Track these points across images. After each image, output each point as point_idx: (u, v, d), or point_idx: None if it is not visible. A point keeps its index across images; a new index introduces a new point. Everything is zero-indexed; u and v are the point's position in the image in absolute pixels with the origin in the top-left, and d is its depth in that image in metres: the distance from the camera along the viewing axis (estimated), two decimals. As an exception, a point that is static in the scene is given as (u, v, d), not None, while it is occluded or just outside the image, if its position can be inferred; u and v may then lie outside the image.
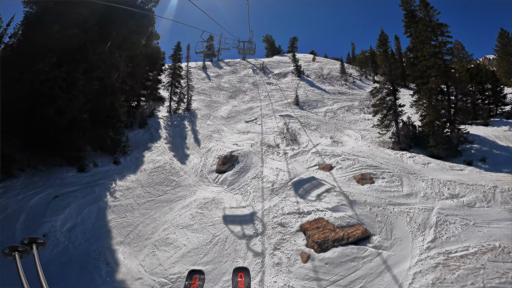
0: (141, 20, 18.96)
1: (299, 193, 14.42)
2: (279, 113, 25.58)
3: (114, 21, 17.44)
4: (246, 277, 3.01)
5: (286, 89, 35.03)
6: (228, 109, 27.40)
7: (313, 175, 15.47)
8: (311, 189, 14.48)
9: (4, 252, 2.11)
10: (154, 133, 21.44)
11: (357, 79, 40.38)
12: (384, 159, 16.77)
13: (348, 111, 27.78)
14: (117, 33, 17.71)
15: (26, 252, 2.18)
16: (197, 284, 3.09)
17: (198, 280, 3.13)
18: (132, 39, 19.02)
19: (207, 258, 11.60)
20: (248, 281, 2.97)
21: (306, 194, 14.34)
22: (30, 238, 2.27)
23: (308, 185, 14.82)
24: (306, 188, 14.79)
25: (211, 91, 33.59)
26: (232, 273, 3.14)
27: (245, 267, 3.20)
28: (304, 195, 14.23)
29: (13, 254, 2.07)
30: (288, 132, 20.38)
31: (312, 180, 15.30)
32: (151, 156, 18.77)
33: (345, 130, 23.21)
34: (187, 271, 3.54)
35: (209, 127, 23.23)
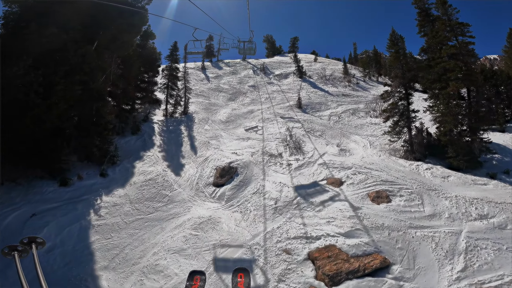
0: (132, 19, 16.95)
1: (306, 213, 12.50)
2: (281, 117, 23.62)
3: (101, 19, 15.45)
4: (245, 278, 2.93)
5: (287, 90, 33.02)
6: (228, 113, 25.43)
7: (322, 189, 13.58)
8: (320, 209, 12.58)
9: (4, 251, 2.07)
10: (148, 140, 19.47)
11: (360, 80, 38.34)
12: (399, 172, 14.83)
13: (353, 114, 25.80)
14: (104, 32, 15.74)
15: (26, 251, 2.11)
16: (198, 285, 3.02)
17: (199, 281, 3.05)
18: (123, 38, 17.03)
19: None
20: (248, 281, 2.90)
21: (314, 214, 12.43)
22: (30, 238, 2.21)
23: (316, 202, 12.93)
24: (314, 205, 12.89)
25: (209, 93, 31.59)
26: (232, 273, 3.04)
27: (245, 268, 3.07)
28: (312, 216, 12.33)
29: (13, 254, 2.03)
30: (291, 139, 18.43)
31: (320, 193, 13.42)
32: (142, 167, 16.82)
33: (352, 136, 21.26)
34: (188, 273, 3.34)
35: (206, 133, 21.28)
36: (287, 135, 19.09)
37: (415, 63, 41.99)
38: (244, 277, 2.96)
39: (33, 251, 2.16)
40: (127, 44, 17.86)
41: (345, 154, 17.60)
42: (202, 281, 3.06)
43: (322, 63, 47.15)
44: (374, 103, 26.88)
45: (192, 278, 3.09)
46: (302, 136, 19.36)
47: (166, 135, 20.58)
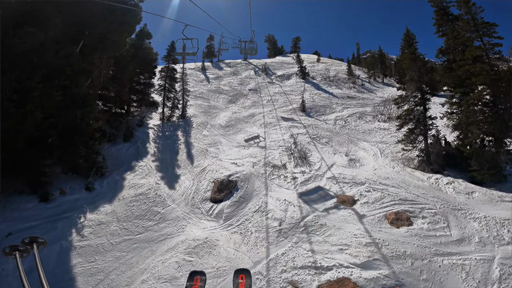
0: (124, 17, 15.21)
1: (314, 237, 10.77)
2: (284, 122, 21.87)
3: (87, 17, 13.71)
4: (247, 279, 2.83)
5: (290, 92, 31.22)
6: (228, 116, 23.69)
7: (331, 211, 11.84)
8: (331, 233, 10.85)
9: (5, 251, 2.06)
10: (141, 147, 17.76)
11: (365, 81, 36.46)
12: (418, 188, 13.05)
13: (360, 118, 24.00)
14: (92, 32, 14.02)
15: (27, 251, 2.09)
16: (198, 285, 2.93)
17: (200, 281, 2.96)
18: (113, 38, 15.29)
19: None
20: (249, 283, 2.80)
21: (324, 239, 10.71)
22: (31, 238, 2.19)
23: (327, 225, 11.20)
24: (323, 228, 11.17)
25: (209, 95, 29.83)
26: (233, 274, 2.91)
27: (246, 269, 2.96)
28: (322, 241, 10.60)
29: (14, 254, 2.02)
30: (296, 148, 16.69)
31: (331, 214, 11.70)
32: (133, 179, 15.12)
33: (360, 143, 19.48)
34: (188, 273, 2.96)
35: (205, 139, 19.55)
36: (291, 143, 17.36)
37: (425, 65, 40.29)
38: (245, 279, 2.85)
39: (34, 251, 2.10)
40: (119, 44, 16.13)
41: (355, 165, 15.84)
42: (202, 282, 2.98)
43: (325, 63, 45.28)
44: (381, 106, 25.08)
45: (192, 278, 3.00)
46: (307, 144, 17.60)
47: (161, 142, 18.87)
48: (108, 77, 17.25)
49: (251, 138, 18.89)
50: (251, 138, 18.95)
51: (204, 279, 3.00)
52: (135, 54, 22.62)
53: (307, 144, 17.54)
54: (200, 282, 2.98)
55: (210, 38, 50.16)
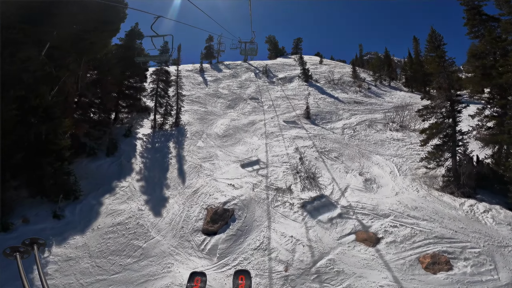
0: (103, 14, 12.73)
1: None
2: (288, 131, 19.39)
3: (55, 16, 11.19)
4: (246, 280, 2.76)
5: (293, 96, 28.68)
6: (226, 124, 21.19)
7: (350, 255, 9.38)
8: (350, 283, 8.41)
9: (6, 252, 2.02)
10: (125, 163, 15.27)
11: (371, 84, 33.90)
12: (454, 220, 10.53)
13: (370, 127, 21.50)
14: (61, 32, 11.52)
15: (27, 252, 2.06)
16: (198, 286, 2.85)
17: (200, 282, 2.88)
18: (91, 39, 12.82)
19: None
20: (248, 283, 2.74)
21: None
22: (31, 239, 2.14)
23: (345, 272, 8.77)
24: (341, 275, 8.73)
25: (206, 99, 27.30)
26: (233, 275, 2.86)
27: (246, 270, 2.91)
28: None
29: (14, 255, 1.97)
30: (302, 165, 14.24)
31: (349, 256, 9.25)
32: (112, 204, 12.65)
33: (373, 156, 16.99)
34: None
35: (199, 152, 17.06)
36: (297, 158, 14.90)
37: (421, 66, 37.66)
38: (245, 279, 2.75)
39: (34, 252, 2.07)
40: (98, 46, 13.64)
41: (371, 187, 13.37)
42: (202, 282, 2.90)
43: (328, 65, 42.68)
44: (393, 112, 22.58)
45: (192, 279, 2.90)
46: (315, 160, 15.12)
47: (149, 156, 16.37)
48: (87, 83, 14.79)
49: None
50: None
51: (204, 279, 2.96)
52: (124, 55, 20.11)
53: (314, 160, 15.06)
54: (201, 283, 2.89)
55: (209, 38, 47.49)
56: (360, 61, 55.10)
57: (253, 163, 15.11)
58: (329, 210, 11.17)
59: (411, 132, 20.17)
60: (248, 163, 15.21)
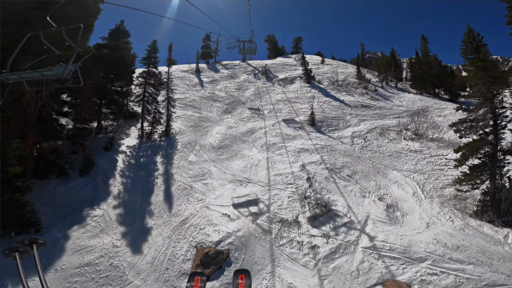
0: (62, 10, 10.10)
1: None
2: (291, 142, 16.86)
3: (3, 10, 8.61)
4: (246, 279, 2.62)
5: (295, 100, 26.11)
6: (222, 132, 18.62)
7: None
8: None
9: (5, 252, 1.98)
10: (101, 184, 12.72)
11: (378, 86, 31.37)
12: (504, 260, 8.12)
13: (382, 135, 18.99)
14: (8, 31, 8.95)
15: (27, 252, 2.01)
16: (198, 286, 2.76)
17: (200, 282, 2.80)
18: (50, 39, 10.28)
19: None
20: (248, 283, 2.59)
21: None
22: (31, 239, 2.10)
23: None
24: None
25: (202, 103, 24.69)
26: (233, 275, 2.70)
27: (246, 269, 2.74)
28: None
29: (14, 255, 1.94)
30: (311, 188, 11.74)
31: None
32: (80, 239, 10.12)
33: (389, 172, 14.52)
34: None
35: (190, 168, 14.51)
36: (304, 179, 12.41)
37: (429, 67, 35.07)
38: (245, 279, 2.62)
39: (34, 252, 2.02)
40: (61, 47, 11.11)
41: (395, 216, 10.88)
42: (202, 282, 2.81)
43: (330, 65, 40.07)
44: (408, 119, 20.06)
45: (192, 279, 2.81)
46: (325, 181, 12.62)
47: (132, 174, 13.82)
48: (53, 90, 12.20)
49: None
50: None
51: (204, 279, 2.80)
52: (107, 56, 17.49)
53: (324, 181, 12.55)
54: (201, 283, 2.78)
55: (207, 37, 44.82)
56: (362, 61, 52.45)
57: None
58: (347, 252, 8.68)
59: (429, 142, 17.68)
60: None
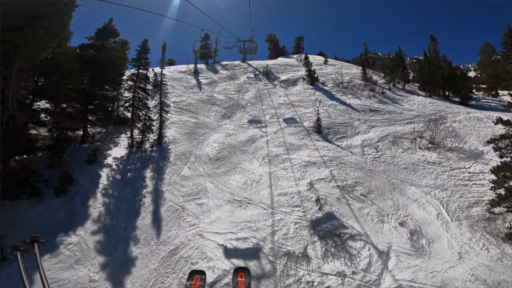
0: (28, 6, 8.57)
1: None
2: (296, 153, 15.30)
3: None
4: (246, 277, 2.67)
5: (298, 103, 24.54)
6: (219, 141, 17.03)
7: None
8: None
9: (6, 251, 1.96)
10: (79, 206, 11.14)
11: (385, 88, 29.79)
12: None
13: (394, 144, 17.40)
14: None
15: (28, 251, 1.98)
16: (198, 284, 2.79)
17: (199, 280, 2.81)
18: (14, 40, 8.67)
19: None
20: (248, 281, 2.66)
21: None
22: (32, 237, 2.07)
23: None
24: None
25: (199, 107, 23.13)
26: (233, 273, 2.75)
27: (246, 267, 2.80)
28: None
29: (15, 253, 1.91)
30: (321, 211, 10.18)
31: None
32: (52, 270, 8.46)
33: (407, 189, 12.95)
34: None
35: (184, 185, 12.91)
36: (312, 200, 10.84)
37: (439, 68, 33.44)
38: (244, 277, 2.67)
39: (35, 251, 1.98)
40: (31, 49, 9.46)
41: (421, 245, 9.30)
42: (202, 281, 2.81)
43: (334, 66, 38.47)
44: (424, 126, 18.45)
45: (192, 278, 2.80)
46: (336, 202, 11.04)
47: (116, 193, 12.23)
48: (19, 100, 10.59)
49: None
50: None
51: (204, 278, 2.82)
52: (94, 58, 15.92)
53: (336, 203, 10.97)
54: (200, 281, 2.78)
55: (206, 37, 43.19)
56: (366, 61, 50.81)
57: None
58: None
59: (448, 152, 16.10)
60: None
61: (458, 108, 26.03)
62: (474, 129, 19.79)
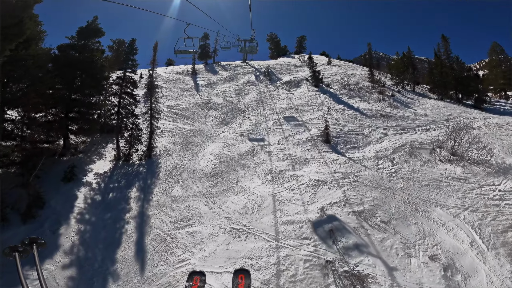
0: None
1: None
2: (304, 168, 13.67)
3: None
4: (246, 279, 2.64)
5: (303, 107, 22.92)
6: (216, 153, 15.38)
7: None
8: None
9: (5, 252, 1.93)
10: (49, 234, 9.45)
11: (394, 90, 28.13)
12: None
13: (412, 155, 15.73)
14: None
15: (26, 252, 1.96)
16: (197, 285, 2.76)
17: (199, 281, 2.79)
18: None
19: None
20: (248, 282, 2.62)
21: None
22: (31, 239, 2.06)
23: None
24: None
25: (195, 112, 21.52)
26: (233, 274, 2.70)
27: (246, 269, 2.73)
28: None
29: (13, 254, 1.89)
30: (335, 244, 8.56)
31: None
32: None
33: (432, 211, 11.28)
34: None
35: (174, 208, 11.27)
36: (326, 229, 9.23)
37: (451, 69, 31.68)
38: (244, 279, 2.64)
39: (34, 252, 1.97)
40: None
41: (456, 283, 7.68)
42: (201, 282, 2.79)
43: (338, 66, 36.84)
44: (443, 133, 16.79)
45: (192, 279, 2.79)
46: (354, 233, 9.41)
47: (94, 217, 10.60)
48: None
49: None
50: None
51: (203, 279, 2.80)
52: (74, 60, 14.30)
53: (353, 234, 9.32)
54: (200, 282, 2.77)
55: (205, 36, 41.57)
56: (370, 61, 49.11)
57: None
58: None
59: (473, 166, 14.45)
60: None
61: (474, 112, 24.31)
62: (496, 137, 18.09)
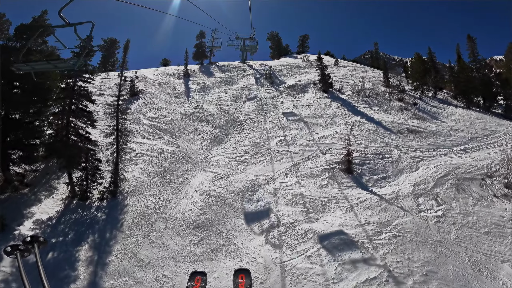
0: None
1: None
2: (321, 217, 10.01)
3: None
4: (247, 279, 2.55)
5: (313, 119, 19.12)
6: (204, 190, 11.60)
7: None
8: None
9: (6, 251, 1.95)
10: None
11: (415, 97, 24.40)
12: None
13: (460, 190, 12.04)
14: None
15: (28, 251, 1.98)
16: (199, 285, 2.65)
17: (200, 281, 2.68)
18: None
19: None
20: (249, 282, 2.53)
21: None
22: (32, 237, 2.05)
23: None
24: None
25: (182, 126, 17.73)
26: (233, 274, 2.58)
27: (246, 269, 2.64)
28: None
29: (15, 253, 1.89)
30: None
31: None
32: None
33: (498, 268, 7.80)
34: None
35: (140, 280, 7.62)
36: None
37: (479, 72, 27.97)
38: (245, 278, 2.56)
39: (35, 251, 1.96)
40: None
41: None
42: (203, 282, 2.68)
43: (346, 68, 33.05)
44: (503, 164, 13.14)
45: (193, 279, 2.68)
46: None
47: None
48: None
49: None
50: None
51: (205, 279, 2.69)
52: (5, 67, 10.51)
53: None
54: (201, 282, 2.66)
55: (201, 35, 37.66)
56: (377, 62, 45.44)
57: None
58: None
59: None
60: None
61: (511, 125, 20.68)
62: None
